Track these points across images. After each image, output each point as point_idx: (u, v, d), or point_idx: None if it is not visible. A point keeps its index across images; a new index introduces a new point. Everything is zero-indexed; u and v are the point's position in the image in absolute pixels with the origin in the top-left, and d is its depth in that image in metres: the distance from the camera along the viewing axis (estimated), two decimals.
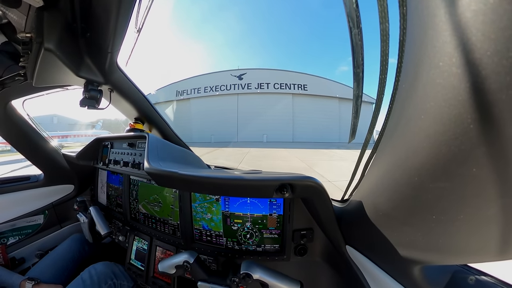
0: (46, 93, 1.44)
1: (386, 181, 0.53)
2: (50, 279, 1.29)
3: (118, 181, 1.63)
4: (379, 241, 0.64)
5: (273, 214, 1.06)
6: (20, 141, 1.58)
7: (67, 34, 0.82)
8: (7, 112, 1.41)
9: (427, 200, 0.40)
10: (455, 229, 0.38)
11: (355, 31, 0.60)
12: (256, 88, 32.17)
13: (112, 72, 1.09)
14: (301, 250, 1.06)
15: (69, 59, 0.88)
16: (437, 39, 0.32)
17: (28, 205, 1.75)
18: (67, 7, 0.73)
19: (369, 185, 0.66)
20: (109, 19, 0.76)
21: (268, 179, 0.78)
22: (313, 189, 0.78)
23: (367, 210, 0.66)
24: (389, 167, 0.51)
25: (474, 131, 0.29)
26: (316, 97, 32.99)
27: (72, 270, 1.44)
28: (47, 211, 1.83)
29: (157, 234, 1.36)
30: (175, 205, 1.26)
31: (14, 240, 1.66)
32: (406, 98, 0.43)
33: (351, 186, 0.85)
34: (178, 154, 1.30)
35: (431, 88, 0.34)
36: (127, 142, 1.45)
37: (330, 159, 12.95)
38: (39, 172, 1.81)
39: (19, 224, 1.70)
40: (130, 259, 1.45)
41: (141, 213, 1.47)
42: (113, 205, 1.71)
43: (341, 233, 0.87)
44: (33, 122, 1.58)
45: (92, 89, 1.09)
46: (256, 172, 0.94)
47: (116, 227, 1.62)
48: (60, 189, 1.90)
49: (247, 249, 1.11)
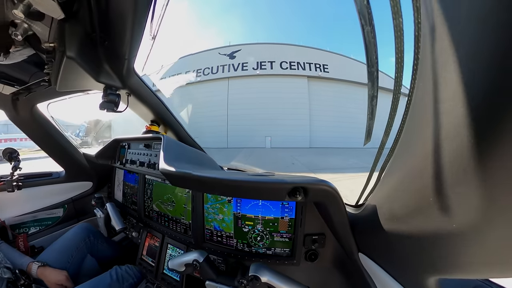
0: (68, 97, 1.50)
1: (403, 186, 0.49)
2: (55, 263, 1.31)
3: (134, 180, 1.65)
4: (393, 249, 0.60)
5: (284, 217, 1.01)
6: (45, 140, 1.65)
7: (87, 43, 0.85)
8: (33, 114, 1.48)
9: (447, 207, 0.35)
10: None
11: (368, 28, 0.55)
12: (255, 68, 21.45)
13: (129, 77, 1.12)
14: (312, 256, 1.01)
15: (89, 65, 0.91)
16: (456, 31, 0.28)
17: (49, 199, 1.81)
18: (86, 18, 0.76)
19: (384, 190, 0.62)
20: (125, 29, 0.79)
21: (280, 181, 0.75)
22: (327, 193, 0.74)
23: (381, 216, 0.62)
24: (406, 172, 0.47)
25: (505, 133, 0.24)
26: (340, 82, 22.24)
27: (76, 257, 1.44)
28: (67, 205, 1.88)
29: (169, 232, 1.36)
30: (188, 204, 1.25)
31: (34, 230, 1.72)
32: (425, 97, 0.39)
33: (366, 191, 0.79)
34: (192, 155, 1.30)
35: (452, 86, 0.30)
36: (144, 143, 1.46)
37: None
38: (60, 169, 1.86)
39: (40, 215, 1.75)
40: (142, 255, 1.46)
41: (154, 211, 1.47)
42: (128, 202, 1.73)
43: (354, 239, 0.82)
44: (56, 123, 1.64)
45: (110, 93, 1.12)
46: (269, 174, 0.90)
47: (130, 223, 1.63)
48: (80, 186, 1.95)
49: (257, 251, 1.08)
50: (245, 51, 22.60)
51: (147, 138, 1.45)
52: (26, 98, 1.33)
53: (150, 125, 1.60)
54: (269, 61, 21.61)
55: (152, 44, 1.01)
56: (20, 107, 1.42)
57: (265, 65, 21.57)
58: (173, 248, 1.33)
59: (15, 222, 1.63)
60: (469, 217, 0.32)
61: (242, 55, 22.30)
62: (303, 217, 0.98)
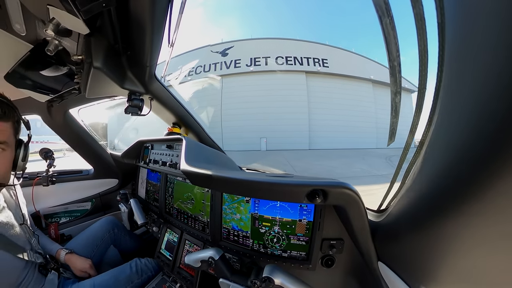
0: (96, 102, 1.63)
1: (430, 191, 0.44)
2: (81, 251, 1.39)
3: (157, 179, 1.72)
4: (416, 261, 0.55)
5: (302, 220, 0.99)
6: (76, 142, 1.79)
7: (111, 54, 0.91)
8: (66, 118, 1.61)
9: (484, 215, 0.31)
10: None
11: (386, 20, 0.51)
12: (249, 65, 19.89)
13: (151, 83, 1.17)
14: (328, 261, 0.97)
15: (114, 74, 0.98)
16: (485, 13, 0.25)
17: (79, 193, 1.95)
18: (109, 31, 0.81)
19: (410, 195, 0.57)
20: (145, 39, 0.83)
21: (299, 183, 0.73)
22: (347, 197, 0.71)
23: (405, 223, 0.58)
24: (434, 175, 0.43)
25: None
26: (341, 77, 20.26)
27: (101, 247, 1.53)
28: (94, 200, 2.01)
29: (187, 229, 1.39)
30: (206, 199, 1.28)
31: (65, 220, 1.86)
32: (453, 91, 0.35)
33: (390, 195, 0.76)
34: (212, 156, 1.33)
35: (485, 77, 0.27)
36: (166, 144, 1.52)
37: None
38: (90, 167, 2.00)
39: (70, 208, 1.89)
40: (160, 249, 1.51)
41: (175, 209, 1.52)
42: (150, 199, 1.80)
43: (374, 247, 0.77)
44: (86, 126, 1.78)
45: (135, 98, 1.18)
46: (287, 175, 0.89)
47: (151, 218, 1.70)
48: (106, 182, 2.07)
49: (272, 253, 1.06)
50: (238, 48, 21.15)
51: (169, 140, 1.50)
52: (60, 105, 1.45)
53: (172, 127, 1.66)
54: (264, 56, 19.95)
55: (171, 51, 1.06)
56: (54, 112, 1.56)
57: (259, 61, 20.01)
58: (190, 244, 1.35)
59: (48, 212, 1.77)
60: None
61: (235, 51, 20.91)
62: (321, 221, 0.96)
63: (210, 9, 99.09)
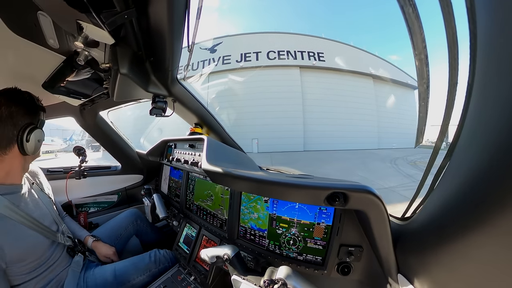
0: (124, 105, 1.77)
1: (462, 199, 0.39)
2: (106, 239, 1.49)
3: (179, 176, 1.80)
4: (439, 276, 0.50)
5: (321, 223, 0.97)
6: (106, 140, 1.95)
7: (136, 60, 0.96)
8: (96, 120, 1.77)
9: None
10: None
11: (408, 9, 0.46)
12: (238, 60, 18.43)
13: (173, 86, 1.22)
14: (345, 268, 0.92)
15: (139, 79, 1.04)
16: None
17: (107, 186, 2.09)
18: (133, 40, 0.87)
19: (437, 203, 0.53)
20: (165, 45, 0.87)
21: (319, 185, 0.71)
22: (370, 202, 0.67)
23: (430, 234, 0.54)
24: (466, 181, 0.38)
25: None
26: (339, 72, 18.29)
27: (124, 236, 1.63)
28: (120, 193, 2.15)
29: (206, 225, 1.43)
30: (225, 193, 1.31)
31: (93, 210, 2.01)
32: (490, 84, 0.31)
33: (415, 202, 0.71)
34: (232, 155, 1.35)
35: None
36: (188, 143, 1.57)
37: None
38: (117, 163, 2.16)
39: (99, 199, 2.04)
40: (178, 242, 1.57)
41: (195, 205, 1.57)
42: (172, 195, 1.88)
43: (395, 257, 0.73)
44: (114, 127, 1.93)
45: (158, 101, 1.24)
46: (308, 177, 0.86)
47: (172, 213, 1.77)
48: (132, 178, 2.21)
49: (287, 255, 1.05)
50: (227, 43, 19.42)
51: (191, 139, 1.55)
52: (91, 108, 1.60)
53: (194, 128, 1.71)
54: (255, 51, 18.35)
55: (190, 55, 1.11)
56: (86, 115, 1.72)
57: (250, 57, 18.48)
58: (207, 240, 1.39)
59: (79, 202, 1.93)
60: None
61: (224, 47, 19.18)
62: (340, 225, 0.92)
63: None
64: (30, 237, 1.02)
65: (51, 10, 0.68)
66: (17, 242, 0.96)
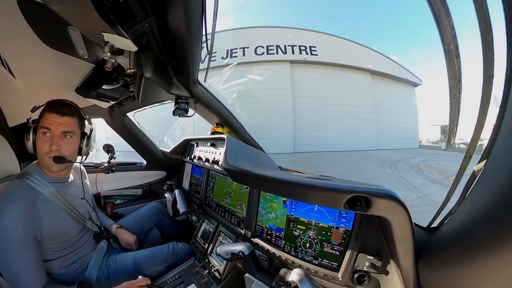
0: (149, 107, 1.91)
1: (498, 209, 0.35)
2: (129, 228, 1.60)
3: (200, 173, 1.87)
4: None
5: (340, 227, 0.92)
6: (133, 139, 2.09)
7: (158, 65, 1.02)
8: (124, 121, 1.92)
9: None
10: None
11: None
12: (224, 57, 16.98)
13: (194, 87, 1.27)
14: (361, 277, 0.86)
15: (162, 82, 1.10)
16: None
17: (133, 181, 2.24)
18: (155, 47, 0.92)
19: (469, 212, 0.48)
20: (186, 49, 0.91)
21: (340, 188, 0.67)
22: (393, 209, 0.62)
23: (459, 247, 0.49)
24: (504, 189, 0.34)
25: None
26: (333, 67, 16.79)
27: (146, 227, 1.73)
28: (145, 188, 2.29)
29: (223, 222, 1.46)
30: (242, 187, 1.34)
31: (119, 202, 2.17)
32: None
33: (444, 211, 0.65)
34: (252, 154, 1.38)
35: None
36: (210, 142, 1.62)
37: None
38: (143, 160, 2.30)
39: (125, 192, 2.20)
40: (196, 236, 1.62)
41: (214, 202, 1.61)
42: (193, 191, 1.96)
43: (416, 270, 0.67)
44: (140, 127, 2.07)
45: (181, 102, 1.31)
46: (328, 178, 0.83)
47: (192, 208, 1.84)
48: (156, 174, 2.34)
49: (302, 257, 1.02)
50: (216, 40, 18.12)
51: (212, 138, 1.61)
52: (119, 110, 1.73)
53: (215, 127, 1.76)
54: (241, 47, 16.91)
55: (209, 58, 1.14)
56: (114, 116, 1.87)
57: (236, 52, 16.95)
58: (224, 236, 1.41)
59: (107, 194, 2.10)
60: None
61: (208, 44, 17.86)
62: (360, 231, 0.87)
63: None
64: (65, 220, 1.16)
65: (79, 25, 0.75)
66: (54, 222, 1.10)
